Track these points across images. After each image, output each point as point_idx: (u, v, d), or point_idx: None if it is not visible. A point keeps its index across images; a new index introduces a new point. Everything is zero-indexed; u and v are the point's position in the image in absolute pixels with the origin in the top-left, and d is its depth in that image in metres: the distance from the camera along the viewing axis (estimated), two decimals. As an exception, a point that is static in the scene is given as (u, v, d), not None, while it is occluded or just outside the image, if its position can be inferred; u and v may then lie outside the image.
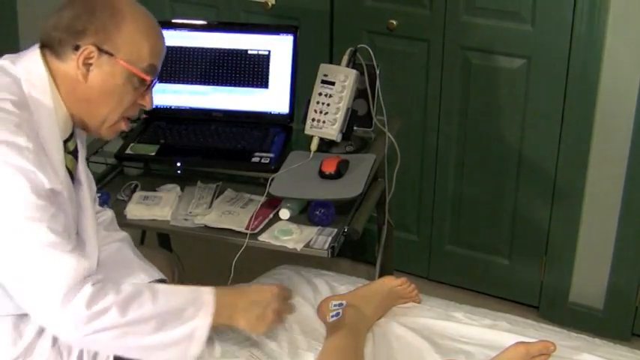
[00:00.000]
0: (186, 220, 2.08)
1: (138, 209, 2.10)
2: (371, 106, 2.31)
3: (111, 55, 1.61)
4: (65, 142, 1.65)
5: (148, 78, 1.65)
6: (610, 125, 2.55)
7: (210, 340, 1.78)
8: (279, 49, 2.33)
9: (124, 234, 1.92)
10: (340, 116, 2.19)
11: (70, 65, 1.60)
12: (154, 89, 1.70)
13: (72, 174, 1.70)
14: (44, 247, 1.49)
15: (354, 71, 2.21)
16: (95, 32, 1.59)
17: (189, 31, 2.37)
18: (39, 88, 1.59)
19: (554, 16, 2.53)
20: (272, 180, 2.10)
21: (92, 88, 1.62)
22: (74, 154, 1.72)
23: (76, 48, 1.59)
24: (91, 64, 1.60)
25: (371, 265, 2.66)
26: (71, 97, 1.62)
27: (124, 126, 1.71)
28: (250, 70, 2.33)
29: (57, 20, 1.61)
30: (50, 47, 1.62)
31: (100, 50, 1.60)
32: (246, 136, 2.27)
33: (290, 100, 2.33)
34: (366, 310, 1.86)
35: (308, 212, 2.06)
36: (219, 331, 1.81)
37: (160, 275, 1.84)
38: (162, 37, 1.71)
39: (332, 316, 1.84)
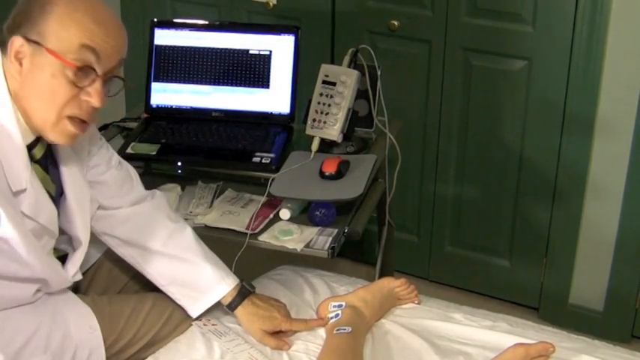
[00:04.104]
0: (186, 219, 2.07)
1: (138, 209, 2.10)
2: (372, 107, 2.31)
3: (38, 44, 1.48)
4: (31, 149, 1.58)
5: (75, 65, 1.49)
6: (611, 127, 2.55)
7: (209, 341, 1.79)
8: (280, 49, 2.33)
9: (188, 230, 1.88)
10: (341, 117, 2.19)
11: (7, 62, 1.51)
12: (156, 88, 1.62)
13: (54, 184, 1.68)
14: None
15: (355, 72, 2.21)
16: (25, 22, 1.49)
17: (190, 30, 2.37)
18: None
19: (556, 17, 2.53)
20: (272, 180, 2.10)
21: (26, 83, 1.51)
22: (43, 163, 1.64)
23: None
24: (22, 58, 1.50)
25: (371, 265, 2.65)
26: (15, 96, 1.52)
27: (71, 128, 1.55)
28: (251, 70, 2.33)
29: (8, 20, 1.53)
30: (2, 47, 1.54)
31: (29, 41, 1.49)
32: (247, 136, 2.27)
33: (291, 100, 2.33)
34: (365, 311, 1.86)
35: (308, 212, 2.06)
36: (218, 333, 1.81)
37: (235, 280, 1.85)
38: (107, 22, 1.53)
39: (331, 318, 1.84)
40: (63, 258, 1.77)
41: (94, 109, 1.56)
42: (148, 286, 1.92)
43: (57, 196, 1.70)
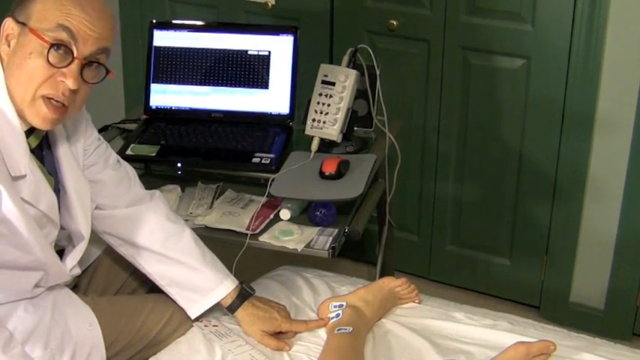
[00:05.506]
0: (186, 220, 2.07)
1: (138, 210, 2.10)
2: (371, 107, 2.31)
3: (24, 24, 1.52)
4: (26, 137, 1.58)
5: (49, 42, 1.50)
6: (611, 125, 2.55)
7: (210, 342, 1.79)
8: (279, 49, 2.33)
9: (187, 232, 1.88)
10: (341, 117, 2.19)
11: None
12: (156, 89, 1.62)
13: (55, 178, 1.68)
14: None
15: (354, 71, 2.21)
16: (17, 6, 1.54)
17: (189, 31, 2.37)
18: None
19: (555, 16, 2.53)
20: (272, 180, 2.10)
21: (10, 63, 1.54)
22: (38, 154, 1.65)
23: None
24: (11, 40, 1.54)
25: (372, 265, 2.66)
26: (7, 80, 1.55)
27: (45, 109, 1.54)
28: (251, 71, 2.34)
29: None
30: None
31: (17, 22, 1.53)
32: (246, 137, 2.27)
33: (290, 100, 2.33)
34: (366, 310, 1.86)
35: (308, 213, 2.06)
36: (219, 334, 1.81)
37: (234, 282, 1.86)
38: (90, 7, 1.53)
39: (332, 318, 1.84)
40: (60, 253, 1.77)
41: (71, 92, 1.55)
42: (147, 283, 1.93)
43: (56, 190, 1.70)
